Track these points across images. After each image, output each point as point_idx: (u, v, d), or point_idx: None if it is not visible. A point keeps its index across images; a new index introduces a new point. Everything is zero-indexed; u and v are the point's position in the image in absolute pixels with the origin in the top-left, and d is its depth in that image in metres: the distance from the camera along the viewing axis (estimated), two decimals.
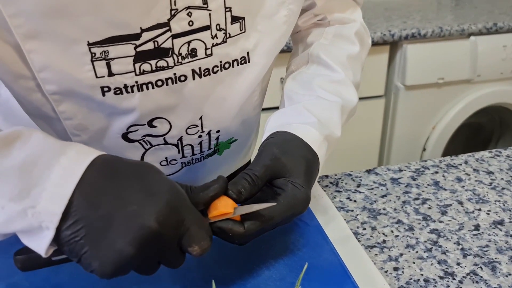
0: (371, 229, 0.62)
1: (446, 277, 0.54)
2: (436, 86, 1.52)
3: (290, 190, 0.48)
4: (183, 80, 0.53)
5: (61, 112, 0.51)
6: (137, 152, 0.58)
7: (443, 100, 1.56)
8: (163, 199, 0.39)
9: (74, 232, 0.38)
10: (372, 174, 0.75)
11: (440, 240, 0.60)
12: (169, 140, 0.58)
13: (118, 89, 0.50)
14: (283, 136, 0.53)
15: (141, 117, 0.53)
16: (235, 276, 0.49)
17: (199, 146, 0.61)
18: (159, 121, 0.55)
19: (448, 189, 0.71)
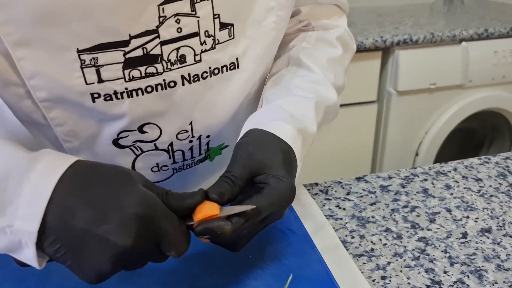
0: (359, 237, 0.63)
1: (433, 286, 0.55)
2: (428, 91, 1.53)
3: (273, 183, 0.46)
4: (172, 86, 0.53)
5: (51, 118, 0.51)
6: (128, 158, 0.58)
7: (435, 105, 1.56)
8: (133, 213, 0.39)
9: (54, 250, 0.38)
10: (362, 182, 0.75)
11: (428, 248, 0.61)
12: (159, 146, 0.58)
13: (108, 95, 0.50)
14: (255, 134, 0.52)
15: (131, 122, 0.54)
16: (223, 285, 0.49)
17: (189, 151, 0.62)
18: (149, 127, 0.55)
19: (437, 196, 0.72)
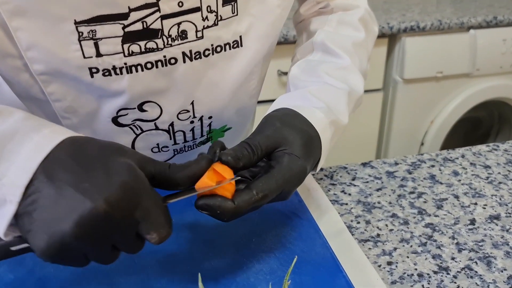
0: (365, 222, 0.61)
1: (440, 272, 0.53)
2: (435, 79, 1.51)
3: (286, 163, 0.45)
4: (173, 63, 0.52)
5: (49, 93, 0.50)
6: (128, 137, 0.57)
7: (442, 94, 1.54)
8: (118, 179, 0.37)
9: (28, 205, 0.36)
10: (368, 167, 0.74)
11: (435, 234, 0.59)
12: (160, 126, 0.57)
13: (106, 70, 0.49)
14: (287, 111, 0.51)
15: (130, 100, 0.52)
16: (224, 269, 0.48)
17: (191, 132, 0.60)
18: (150, 105, 0.54)
19: (444, 183, 0.70)
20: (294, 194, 0.60)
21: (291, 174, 0.45)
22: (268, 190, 0.43)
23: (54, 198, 0.36)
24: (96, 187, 0.36)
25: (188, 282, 0.46)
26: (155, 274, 0.47)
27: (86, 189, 0.36)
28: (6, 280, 0.46)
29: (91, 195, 0.35)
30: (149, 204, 0.38)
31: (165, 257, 0.49)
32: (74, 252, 0.36)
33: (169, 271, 0.48)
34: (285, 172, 0.44)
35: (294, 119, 0.50)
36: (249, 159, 0.44)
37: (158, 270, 0.47)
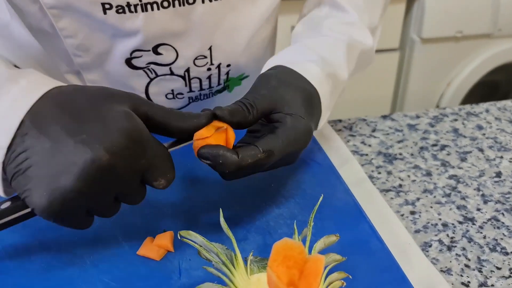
0: (386, 173, 0.59)
1: (465, 222, 0.51)
2: (454, 40, 1.46)
3: (289, 123, 0.42)
4: (191, 2, 0.49)
5: (60, 29, 0.48)
6: (141, 81, 0.55)
7: (460, 55, 1.49)
8: (117, 127, 0.34)
9: (18, 164, 0.33)
10: (388, 120, 0.71)
11: (460, 186, 0.57)
12: (175, 71, 0.54)
13: (120, 7, 0.46)
14: (281, 69, 0.48)
15: (145, 41, 0.50)
16: (243, 213, 0.46)
17: (207, 80, 0.58)
18: (165, 48, 0.52)
19: (468, 136, 0.68)
20: (312, 141, 0.58)
21: (296, 134, 0.42)
22: (273, 148, 0.40)
23: (50, 152, 0.33)
24: (95, 137, 0.33)
25: (207, 225, 0.45)
26: (171, 218, 0.45)
27: (84, 140, 0.33)
28: None
29: (91, 146, 0.33)
30: (153, 151, 0.36)
31: (182, 200, 0.48)
32: (76, 208, 0.34)
33: (186, 215, 0.46)
34: (290, 132, 0.42)
35: (289, 76, 0.47)
36: (244, 116, 0.41)
37: (175, 214, 0.45)
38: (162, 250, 0.41)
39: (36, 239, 0.42)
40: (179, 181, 0.50)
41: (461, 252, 0.48)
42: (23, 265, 0.40)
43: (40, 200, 0.33)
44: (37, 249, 0.42)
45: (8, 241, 0.42)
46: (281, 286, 0.26)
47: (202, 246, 0.33)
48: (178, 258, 0.41)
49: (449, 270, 0.45)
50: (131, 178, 0.36)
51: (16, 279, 0.39)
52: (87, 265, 0.40)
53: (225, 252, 0.33)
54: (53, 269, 0.40)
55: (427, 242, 0.49)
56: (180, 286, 0.38)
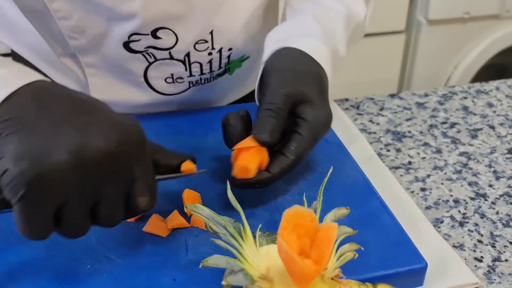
0: (395, 151, 0.58)
1: (477, 198, 0.50)
2: (461, 21, 1.43)
3: (312, 117, 0.43)
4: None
5: (54, 10, 0.47)
6: (140, 64, 0.53)
7: (468, 37, 1.47)
8: (124, 122, 0.32)
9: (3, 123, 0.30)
10: (396, 99, 0.70)
11: (471, 162, 0.56)
12: (175, 55, 0.53)
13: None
14: (290, 55, 0.47)
15: (143, 25, 0.49)
16: (251, 190, 0.45)
17: (208, 64, 0.56)
18: (164, 32, 0.50)
19: (478, 113, 0.66)
20: None
21: (320, 126, 0.43)
22: (302, 152, 0.42)
23: (47, 125, 0.30)
24: (101, 123, 0.31)
25: (214, 201, 0.44)
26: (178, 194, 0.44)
27: (90, 122, 0.31)
28: None
29: (98, 129, 0.31)
30: (148, 164, 0.34)
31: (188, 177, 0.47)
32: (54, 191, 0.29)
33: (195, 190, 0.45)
34: (313, 127, 0.43)
35: (300, 62, 0.47)
36: (279, 126, 0.42)
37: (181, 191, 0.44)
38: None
39: None
40: None
41: (473, 228, 0.46)
42: (26, 242, 0.39)
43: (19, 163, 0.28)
44: None
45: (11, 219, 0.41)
46: (293, 255, 0.25)
47: (210, 218, 0.32)
48: (185, 235, 0.40)
49: (462, 245, 0.44)
50: (122, 181, 0.33)
51: (21, 256, 0.38)
52: (93, 242, 0.39)
53: (233, 225, 0.32)
54: (59, 246, 0.39)
55: (438, 218, 0.48)
56: (187, 262, 0.38)
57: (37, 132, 0.30)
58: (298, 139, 0.42)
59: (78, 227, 0.32)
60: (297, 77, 0.45)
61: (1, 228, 0.41)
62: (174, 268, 0.37)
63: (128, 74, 0.54)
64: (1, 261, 0.38)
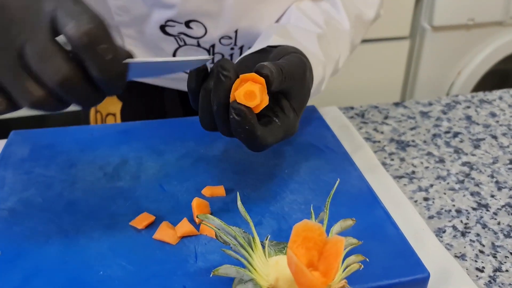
0: (399, 160, 0.59)
1: (479, 208, 0.51)
2: (465, 27, 1.44)
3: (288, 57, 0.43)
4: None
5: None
6: (171, 45, 0.60)
7: (472, 43, 1.48)
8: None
9: None
10: (400, 107, 0.71)
11: (473, 172, 0.57)
12: (202, 44, 0.59)
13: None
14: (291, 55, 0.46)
15: (179, 15, 0.55)
16: (257, 198, 0.46)
17: (229, 56, 0.62)
18: (196, 24, 0.56)
19: (481, 123, 0.67)
20: (326, 129, 0.58)
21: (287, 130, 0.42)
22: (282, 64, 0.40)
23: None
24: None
25: (222, 210, 0.45)
26: (186, 203, 0.45)
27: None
28: (35, 203, 0.45)
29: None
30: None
31: (196, 186, 0.48)
32: None
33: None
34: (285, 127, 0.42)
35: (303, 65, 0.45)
36: (279, 80, 0.40)
37: (190, 200, 0.46)
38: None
39: (53, 223, 0.43)
40: (191, 168, 0.50)
41: (475, 238, 0.47)
42: (41, 248, 0.40)
43: None
44: (54, 233, 0.42)
45: (26, 225, 0.43)
46: (302, 267, 0.26)
47: (220, 229, 0.33)
48: (194, 242, 0.41)
49: (463, 255, 0.45)
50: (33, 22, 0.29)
51: (34, 262, 0.39)
52: (104, 248, 0.40)
53: (243, 235, 0.33)
54: (71, 252, 0.40)
55: (440, 228, 0.49)
56: (196, 270, 0.39)
57: None
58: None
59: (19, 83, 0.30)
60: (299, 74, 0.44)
61: (15, 233, 0.42)
62: (183, 276, 0.38)
63: (160, 51, 0.61)
64: (15, 267, 0.39)
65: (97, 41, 0.29)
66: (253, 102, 0.38)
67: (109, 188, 0.47)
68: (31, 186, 0.47)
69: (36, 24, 0.29)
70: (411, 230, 0.45)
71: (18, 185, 0.47)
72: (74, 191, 0.46)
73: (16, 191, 0.46)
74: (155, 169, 0.50)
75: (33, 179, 0.48)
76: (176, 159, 0.52)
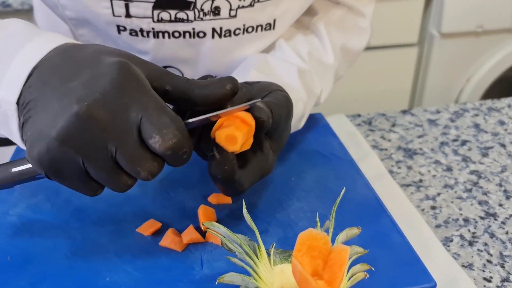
0: (406, 168, 0.59)
1: (487, 217, 0.51)
2: (474, 34, 1.43)
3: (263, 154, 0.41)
4: (201, 36, 0.51)
5: (80, 35, 0.53)
6: None
7: (481, 50, 1.47)
8: (106, 76, 0.33)
9: (24, 114, 0.34)
10: (408, 115, 0.71)
11: (481, 181, 0.57)
12: None
13: (133, 31, 0.50)
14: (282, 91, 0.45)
15: (154, 61, 0.52)
16: (264, 206, 0.46)
17: None
18: (172, 70, 0.55)
19: (489, 131, 0.67)
20: (332, 136, 0.58)
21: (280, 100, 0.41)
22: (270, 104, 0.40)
23: (45, 103, 0.33)
24: (81, 87, 0.33)
25: (228, 217, 0.45)
26: (193, 210, 0.46)
27: (71, 89, 0.33)
28: (43, 209, 0.46)
29: (75, 97, 0.32)
30: (148, 102, 0.33)
31: (203, 192, 0.48)
32: (67, 161, 0.32)
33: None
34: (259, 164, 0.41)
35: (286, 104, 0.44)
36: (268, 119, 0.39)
37: (196, 207, 0.46)
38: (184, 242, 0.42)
39: (61, 229, 0.43)
40: (198, 175, 0.50)
41: (483, 247, 0.47)
42: (48, 254, 0.41)
43: (31, 149, 0.33)
44: (62, 238, 0.42)
45: (34, 231, 0.43)
46: (307, 276, 0.26)
47: (226, 237, 0.33)
48: (200, 250, 0.41)
49: (471, 265, 0.45)
50: (123, 129, 0.33)
51: (42, 268, 0.39)
52: (111, 254, 0.41)
53: (248, 243, 0.33)
54: (78, 258, 0.40)
55: (448, 237, 0.48)
56: (202, 277, 0.39)
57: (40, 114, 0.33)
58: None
59: (115, 181, 0.34)
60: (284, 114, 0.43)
61: (24, 239, 0.42)
62: (189, 283, 0.38)
63: None
64: (23, 273, 0.39)
65: (179, 150, 0.33)
66: (232, 147, 0.36)
67: (116, 195, 0.47)
68: (40, 192, 0.47)
69: (124, 131, 0.33)
70: (418, 239, 0.45)
71: (27, 191, 0.47)
72: (81, 198, 0.47)
73: (25, 197, 0.47)
74: (162, 176, 0.50)
75: (41, 186, 0.48)
76: (182, 166, 0.52)
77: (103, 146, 0.32)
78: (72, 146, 0.32)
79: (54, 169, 0.33)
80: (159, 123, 0.33)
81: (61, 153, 0.32)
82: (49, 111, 0.33)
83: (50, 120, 0.32)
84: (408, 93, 1.57)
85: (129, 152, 0.33)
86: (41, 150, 0.32)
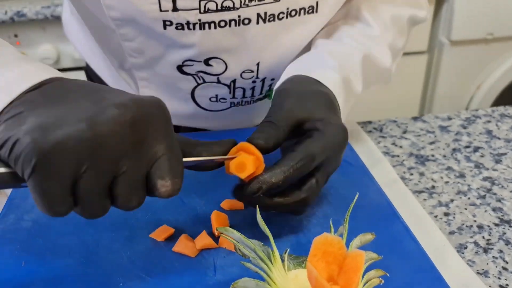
0: (419, 174, 0.59)
1: (502, 224, 0.50)
2: (484, 42, 1.43)
3: (322, 127, 0.41)
4: (246, 23, 0.51)
5: (122, 34, 0.52)
6: (189, 84, 0.58)
7: (491, 58, 1.46)
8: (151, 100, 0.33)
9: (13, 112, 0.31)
10: (419, 121, 0.71)
11: (495, 188, 0.56)
12: (222, 80, 0.57)
13: (180, 24, 0.50)
14: (296, 79, 0.48)
15: (198, 54, 0.53)
16: (276, 212, 0.46)
17: (251, 90, 0.60)
18: (216, 61, 0.55)
19: (502, 138, 0.66)
20: None
21: (332, 135, 0.41)
22: (313, 151, 0.39)
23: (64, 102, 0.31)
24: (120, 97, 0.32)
25: (241, 222, 0.45)
26: (206, 216, 0.46)
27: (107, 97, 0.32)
28: None
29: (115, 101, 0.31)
30: (172, 144, 0.34)
31: (215, 199, 0.48)
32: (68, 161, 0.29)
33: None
34: (325, 134, 0.41)
35: (304, 84, 0.47)
36: (277, 137, 0.41)
37: (209, 212, 0.46)
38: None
39: (75, 235, 0.43)
40: (211, 181, 0.50)
41: (498, 254, 0.47)
42: (62, 260, 0.41)
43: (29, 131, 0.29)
44: (76, 245, 0.43)
45: (48, 236, 0.43)
46: (322, 282, 0.26)
47: (240, 242, 0.33)
48: (213, 255, 0.41)
49: (486, 272, 0.45)
50: (140, 157, 0.32)
51: (56, 273, 0.40)
52: (124, 260, 0.41)
53: (262, 248, 0.33)
54: (92, 264, 0.41)
55: (462, 244, 0.48)
56: (215, 282, 0.39)
57: (54, 108, 0.30)
58: (308, 141, 0.40)
59: (96, 204, 0.32)
60: (300, 96, 0.45)
61: (38, 245, 0.43)
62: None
63: (177, 90, 0.59)
64: (37, 278, 0.39)
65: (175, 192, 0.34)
66: (243, 173, 0.39)
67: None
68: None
69: (141, 159, 0.32)
70: (431, 246, 0.45)
71: None
72: None
73: None
74: None
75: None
76: (195, 172, 0.52)
77: (114, 161, 0.31)
78: (76, 156, 0.29)
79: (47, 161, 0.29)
80: (174, 171, 0.33)
81: (64, 156, 0.29)
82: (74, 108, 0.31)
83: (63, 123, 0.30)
84: (418, 101, 1.57)
85: (133, 178, 0.32)
86: (58, 135, 0.29)
